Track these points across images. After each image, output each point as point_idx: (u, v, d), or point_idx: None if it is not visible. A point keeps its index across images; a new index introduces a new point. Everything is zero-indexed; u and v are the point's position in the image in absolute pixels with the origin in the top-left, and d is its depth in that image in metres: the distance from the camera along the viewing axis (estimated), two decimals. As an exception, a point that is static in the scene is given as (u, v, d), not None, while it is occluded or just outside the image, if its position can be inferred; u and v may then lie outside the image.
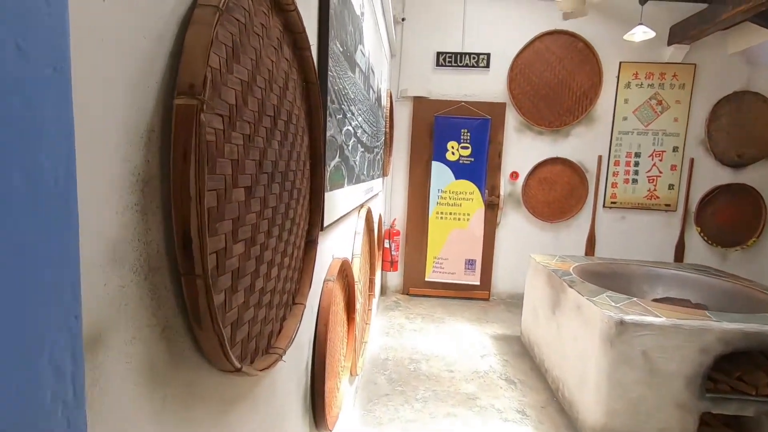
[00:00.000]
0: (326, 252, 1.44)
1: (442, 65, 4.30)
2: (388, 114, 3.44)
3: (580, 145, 4.36)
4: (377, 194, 3.28)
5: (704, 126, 4.24)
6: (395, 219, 4.43)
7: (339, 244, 1.71)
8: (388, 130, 3.45)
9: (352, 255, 2.05)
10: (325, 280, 1.39)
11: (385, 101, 3.32)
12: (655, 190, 4.36)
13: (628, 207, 4.41)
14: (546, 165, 4.39)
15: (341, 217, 1.66)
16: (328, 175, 1.27)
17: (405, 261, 4.56)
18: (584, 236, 4.48)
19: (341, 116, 1.45)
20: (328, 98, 1.22)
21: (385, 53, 3.21)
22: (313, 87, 1.04)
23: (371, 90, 2.30)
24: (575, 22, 4.09)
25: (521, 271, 4.04)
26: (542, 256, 3.39)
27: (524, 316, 3.47)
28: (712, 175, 4.33)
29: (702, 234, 4.37)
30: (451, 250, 4.38)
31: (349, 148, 1.65)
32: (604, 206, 4.42)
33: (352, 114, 1.70)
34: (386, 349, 3.25)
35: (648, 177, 4.36)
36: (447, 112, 4.28)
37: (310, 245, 1.13)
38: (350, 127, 1.66)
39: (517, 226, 4.51)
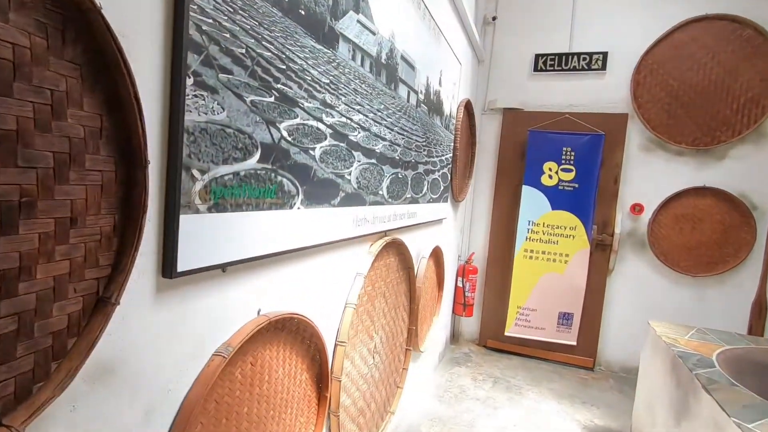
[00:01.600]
0: (231, 307, 0.93)
1: (541, 70, 3.51)
2: (460, 127, 2.82)
3: (744, 172, 3.10)
4: (437, 222, 2.66)
5: None
6: (473, 253, 3.69)
7: (290, 289, 1.18)
8: (458, 145, 2.83)
9: (345, 305, 1.49)
10: (214, 355, 0.87)
11: (452, 110, 2.72)
12: None
13: (827, 264, 2.95)
14: (687, 196, 3.22)
15: (312, 248, 1.14)
16: (197, 186, 0.77)
17: (483, 305, 3.76)
18: (747, 301, 3.13)
19: (273, 99, 0.95)
20: (197, 58, 0.73)
21: (454, 54, 2.64)
22: (94, 17, 0.56)
23: (402, 86, 1.75)
24: (739, 3, 2.96)
25: (642, 336, 2.94)
26: (667, 325, 2.34)
27: (637, 408, 2.43)
28: None
29: None
30: (541, 298, 3.45)
31: (315, 153, 1.13)
32: (783, 260, 3.03)
33: (329, 106, 1.18)
34: (432, 420, 2.54)
35: None
36: (545, 125, 3.46)
37: (101, 307, 0.63)
38: (319, 125, 1.14)
39: (639, 276, 3.38)
